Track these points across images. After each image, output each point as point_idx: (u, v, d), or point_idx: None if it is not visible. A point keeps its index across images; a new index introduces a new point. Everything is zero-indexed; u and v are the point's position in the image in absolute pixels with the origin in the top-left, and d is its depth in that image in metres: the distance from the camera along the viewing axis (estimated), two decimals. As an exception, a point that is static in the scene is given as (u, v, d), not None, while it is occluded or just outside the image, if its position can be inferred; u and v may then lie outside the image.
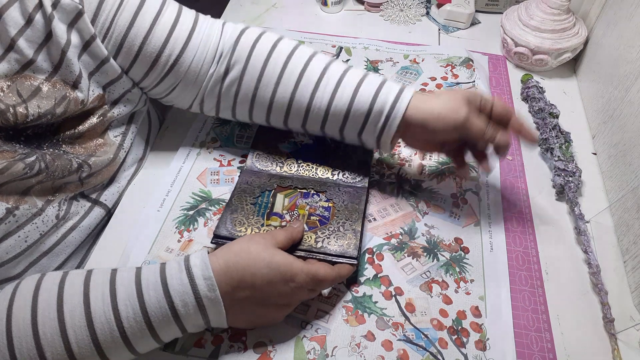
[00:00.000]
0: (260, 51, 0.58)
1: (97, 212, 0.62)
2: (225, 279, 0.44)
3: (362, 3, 0.98)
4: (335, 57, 0.64)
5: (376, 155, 0.69)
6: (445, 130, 0.53)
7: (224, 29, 0.60)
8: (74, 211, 0.58)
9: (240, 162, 0.68)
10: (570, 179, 0.64)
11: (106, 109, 0.58)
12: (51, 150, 0.55)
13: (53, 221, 0.56)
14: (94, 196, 0.62)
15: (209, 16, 0.62)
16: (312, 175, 0.62)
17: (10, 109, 0.48)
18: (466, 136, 0.54)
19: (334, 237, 0.54)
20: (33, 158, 0.52)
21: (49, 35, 0.51)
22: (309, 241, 0.54)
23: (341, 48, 0.87)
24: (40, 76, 0.51)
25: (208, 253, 0.47)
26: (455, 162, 0.61)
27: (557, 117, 0.71)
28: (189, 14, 0.60)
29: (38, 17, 0.50)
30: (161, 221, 0.61)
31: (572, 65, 0.85)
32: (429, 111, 0.53)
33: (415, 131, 0.55)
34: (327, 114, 0.57)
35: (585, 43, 0.81)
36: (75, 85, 0.53)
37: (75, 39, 0.53)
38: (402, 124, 0.54)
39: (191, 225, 0.61)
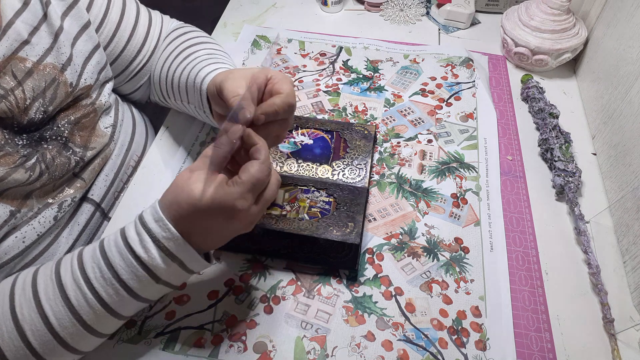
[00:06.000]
0: (166, 41, 0.69)
1: (87, 208, 0.62)
2: (176, 216, 0.42)
3: (362, 3, 0.98)
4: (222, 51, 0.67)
5: (376, 155, 0.69)
6: (213, 97, 0.53)
7: (169, 29, 0.71)
8: (65, 209, 0.58)
9: (240, 162, 0.68)
10: (570, 179, 0.64)
11: (94, 97, 0.61)
12: (53, 143, 0.55)
13: (51, 222, 0.56)
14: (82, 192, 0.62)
15: (166, 16, 0.73)
16: (312, 175, 0.62)
17: (10, 93, 0.49)
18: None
19: (335, 226, 0.54)
20: (33, 160, 0.52)
21: (43, 17, 0.53)
22: (311, 227, 0.54)
23: (341, 48, 0.87)
24: (32, 58, 0.52)
25: None
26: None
27: (557, 117, 0.71)
28: (157, 17, 0.70)
29: (34, 0, 0.52)
30: (161, 221, 0.61)
31: (572, 65, 0.85)
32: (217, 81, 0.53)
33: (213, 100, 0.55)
34: (179, 87, 0.63)
35: (585, 43, 0.81)
36: (64, 69, 0.55)
37: (69, 26, 0.56)
38: (209, 94, 0.55)
39: (191, 225, 0.61)
